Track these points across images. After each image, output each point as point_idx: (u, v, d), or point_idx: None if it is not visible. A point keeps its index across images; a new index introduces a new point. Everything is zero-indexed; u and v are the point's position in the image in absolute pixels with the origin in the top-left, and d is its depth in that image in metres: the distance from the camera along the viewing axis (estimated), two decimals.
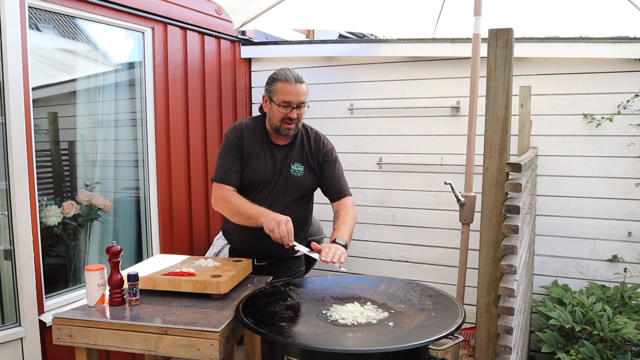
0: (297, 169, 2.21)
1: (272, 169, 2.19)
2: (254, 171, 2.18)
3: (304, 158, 2.24)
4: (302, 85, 2.13)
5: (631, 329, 2.54)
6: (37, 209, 2.44)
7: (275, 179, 2.19)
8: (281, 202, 2.18)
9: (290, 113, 2.11)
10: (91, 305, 1.86)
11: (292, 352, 1.51)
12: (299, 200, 2.24)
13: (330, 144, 2.32)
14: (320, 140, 2.29)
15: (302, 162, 2.23)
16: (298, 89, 2.11)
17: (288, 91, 2.09)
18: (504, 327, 1.43)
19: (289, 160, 2.21)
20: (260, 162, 2.19)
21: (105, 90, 3.05)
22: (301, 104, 2.13)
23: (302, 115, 2.18)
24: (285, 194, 2.20)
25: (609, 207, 3.15)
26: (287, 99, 2.10)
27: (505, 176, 1.42)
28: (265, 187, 2.19)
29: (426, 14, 3.56)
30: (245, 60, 4.00)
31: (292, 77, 2.11)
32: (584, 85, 3.15)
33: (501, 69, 1.39)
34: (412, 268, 3.67)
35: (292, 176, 2.20)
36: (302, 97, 2.13)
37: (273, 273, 2.26)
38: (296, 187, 2.21)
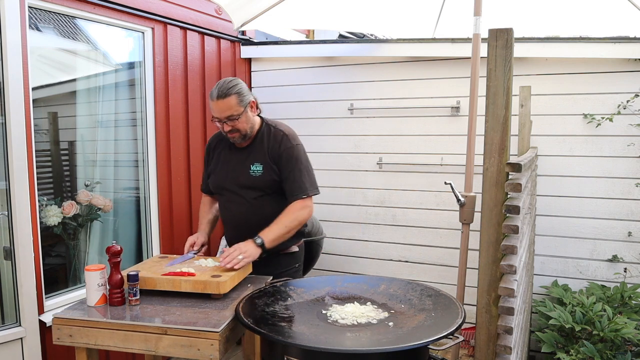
0: (256, 169, 2.25)
1: (231, 171, 2.30)
2: (215, 176, 2.36)
3: (264, 157, 2.25)
4: (225, 101, 2.12)
5: (631, 329, 2.54)
6: (37, 209, 2.44)
7: (235, 181, 2.28)
8: (246, 201, 2.27)
9: (223, 127, 2.17)
10: (91, 305, 1.86)
11: (292, 352, 1.51)
12: (266, 197, 2.26)
13: (290, 142, 2.25)
14: (279, 138, 2.26)
15: (262, 162, 2.25)
16: (220, 106, 2.13)
17: (213, 108, 2.16)
18: (504, 327, 1.43)
19: (249, 161, 2.26)
20: (221, 167, 2.33)
21: (105, 90, 3.05)
22: (230, 117, 2.14)
23: (241, 124, 2.18)
24: (248, 193, 2.26)
25: (609, 207, 3.15)
26: (214, 115, 2.17)
27: (505, 176, 1.42)
28: (228, 189, 2.31)
29: (426, 14, 3.56)
30: (245, 60, 4.00)
31: (215, 94, 2.13)
32: (584, 85, 3.15)
33: (501, 69, 1.39)
34: (412, 268, 3.67)
35: (252, 176, 2.25)
36: (225, 112, 2.13)
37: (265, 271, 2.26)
38: (257, 186, 2.25)
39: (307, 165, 2.29)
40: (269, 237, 2.11)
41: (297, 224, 2.19)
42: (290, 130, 2.33)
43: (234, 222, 2.33)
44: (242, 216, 2.27)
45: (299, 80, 3.91)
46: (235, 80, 2.18)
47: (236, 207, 2.29)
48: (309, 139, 3.90)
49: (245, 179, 2.25)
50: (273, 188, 2.26)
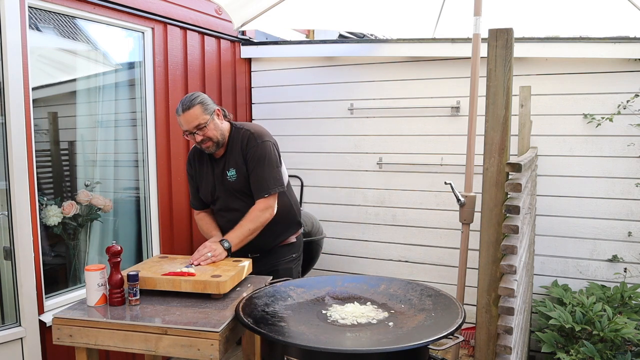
0: (231, 175, 2.32)
1: (214, 182, 2.37)
2: (203, 189, 2.42)
3: (235, 162, 2.32)
4: (189, 112, 2.18)
5: (631, 329, 2.54)
6: (37, 209, 2.44)
7: (220, 189, 2.36)
8: (235, 206, 2.34)
9: (195, 137, 2.23)
10: (91, 305, 1.86)
11: (292, 352, 1.51)
12: (248, 198, 2.32)
13: (255, 141, 2.29)
14: (246, 139, 2.30)
15: (235, 166, 2.31)
16: (187, 118, 2.19)
17: (181, 122, 2.23)
18: (504, 327, 1.43)
19: (225, 168, 2.33)
20: (205, 181, 2.41)
21: (105, 90, 3.05)
22: (199, 126, 2.19)
23: (211, 132, 2.22)
24: (233, 199, 2.35)
25: (609, 207, 3.15)
26: (183, 128, 2.24)
27: (505, 176, 1.42)
28: (217, 199, 2.39)
29: (426, 14, 3.56)
30: (245, 60, 4.00)
31: (180, 109, 2.20)
32: (584, 85, 3.15)
33: (501, 69, 1.39)
34: (412, 268, 3.67)
35: (230, 182, 2.32)
36: (193, 122, 2.19)
37: (265, 261, 2.40)
38: (237, 191, 2.33)
39: (273, 161, 2.30)
40: (234, 241, 2.20)
41: (260, 226, 2.26)
42: (258, 129, 2.36)
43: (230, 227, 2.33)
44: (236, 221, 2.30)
45: (299, 80, 3.91)
46: (196, 93, 2.27)
47: (228, 214, 2.36)
48: (308, 139, 3.92)
49: (226, 186, 2.34)
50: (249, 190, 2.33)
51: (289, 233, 2.48)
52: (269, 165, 2.28)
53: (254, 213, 2.25)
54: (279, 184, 2.31)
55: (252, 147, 2.28)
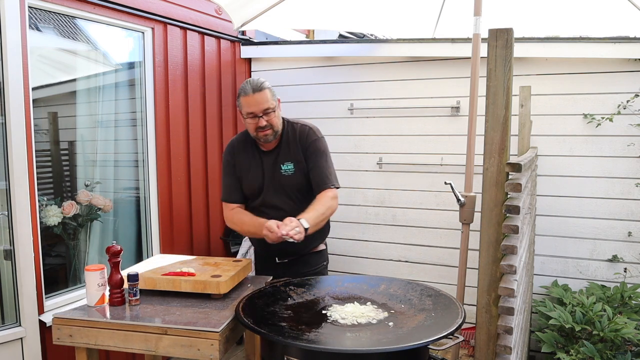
0: (287, 169, 2.22)
1: (263, 175, 2.25)
2: (249, 182, 2.27)
3: (293, 155, 2.24)
4: (261, 94, 2.12)
5: (631, 329, 2.54)
6: (37, 209, 2.44)
7: (269, 184, 2.24)
8: (282, 204, 2.22)
9: (259, 122, 2.14)
10: (91, 305, 1.86)
11: (292, 352, 1.50)
12: (300, 197, 2.24)
13: (315, 135, 2.26)
14: (305, 133, 2.25)
15: (291, 160, 2.23)
16: (257, 99, 2.12)
17: (249, 103, 2.13)
18: (504, 327, 1.42)
19: (278, 162, 2.24)
20: (252, 173, 2.26)
21: (105, 90, 3.05)
22: (266, 111, 2.14)
23: (275, 119, 2.17)
24: (283, 195, 2.23)
25: (609, 207, 3.15)
26: (249, 110, 2.14)
27: (505, 176, 1.42)
28: (263, 194, 2.25)
29: (426, 14, 3.56)
30: (245, 60, 4.00)
31: (250, 88, 2.13)
32: (584, 85, 3.15)
33: (501, 69, 1.39)
34: (412, 268, 3.67)
35: (284, 176, 2.22)
36: (263, 104, 2.13)
37: (295, 269, 2.25)
38: (291, 186, 2.23)
39: (330, 158, 2.29)
40: (310, 223, 2.01)
41: (330, 213, 2.16)
42: (313, 125, 2.32)
43: None
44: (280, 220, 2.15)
45: (299, 80, 3.91)
46: (261, 78, 2.19)
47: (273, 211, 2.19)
48: None
49: (278, 180, 2.22)
50: (304, 187, 2.23)
51: (322, 239, 2.35)
52: (330, 161, 2.27)
53: (324, 199, 2.14)
54: (338, 181, 2.26)
55: (313, 140, 2.23)
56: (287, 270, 2.24)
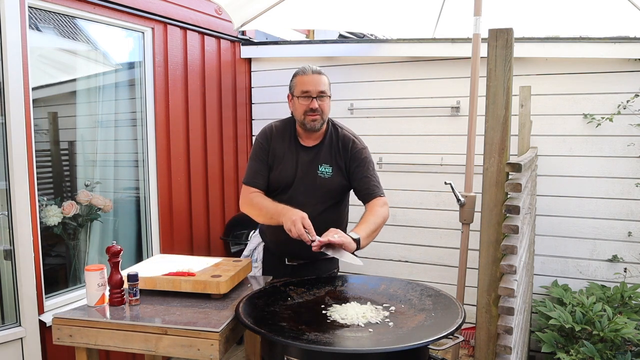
0: (325, 170, 2.16)
1: (298, 171, 2.16)
2: (279, 173, 2.17)
3: (333, 159, 2.17)
4: (320, 76, 2.12)
5: (631, 329, 2.54)
6: (37, 209, 2.44)
7: (301, 181, 2.16)
8: (310, 204, 2.12)
9: (311, 103, 2.08)
10: (91, 305, 1.86)
11: (292, 352, 1.50)
12: (329, 200, 2.18)
13: (361, 144, 2.22)
14: (350, 140, 2.20)
15: (331, 163, 2.16)
16: (316, 79, 2.10)
17: (305, 82, 2.11)
18: (504, 327, 1.42)
19: (316, 162, 2.16)
20: (286, 164, 2.17)
21: (105, 90, 3.05)
22: (321, 94, 2.10)
23: (326, 107, 2.12)
24: (313, 195, 2.15)
25: (609, 207, 3.15)
26: (305, 88, 2.10)
27: (505, 176, 1.42)
28: (291, 189, 2.16)
29: (426, 14, 3.56)
30: (245, 60, 4.00)
31: (310, 69, 2.13)
32: (584, 85, 3.15)
33: (501, 69, 1.39)
34: (412, 268, 3.67)
35: (320, 177, 2.15)
36: (321, 86, 2.10)
37: (303, 274, 2.16)
38: (324, 189, 2.16)
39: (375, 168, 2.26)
40: (362, 234, 1.97)
41: (383, 221, 2.11)
42: (356, 134, 2.29)
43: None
44: None
45: None
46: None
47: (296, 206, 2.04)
48: None
49: (312, 180, 2.14)
50: (338, 192, 2.19)
51: None
52: (374, 170, 2.23)
53: (375, 208, 2.11)
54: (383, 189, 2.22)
55: (359, 150, 2.19)
56: (295, 274, 2.17)
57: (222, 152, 3.74)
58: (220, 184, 3.73)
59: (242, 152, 3.96)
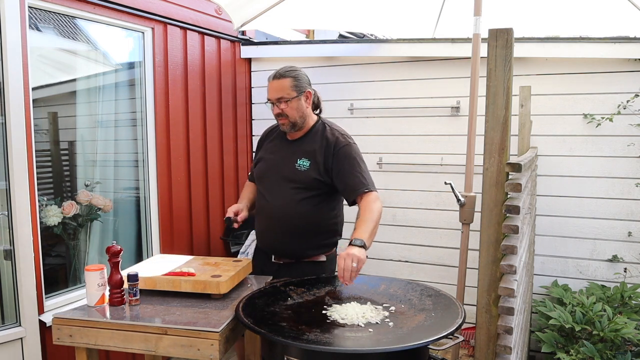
0: (303, 164, 2.20)
1: (276, 161, 2.28)
2: (261, 164, 2.34)
3: (312, 153, 2.20)
4: (280, 81, 2.13)
5: (631, 329, 2.54)
6: (37, 209, 2.44)
7: (277, 171, 2.25)
8: (284, 191, 2.21)
9: (273, 109, 2.18)
10: (91, 305, 1.86)
11: (292, 352, 1.51)
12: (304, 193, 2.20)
13: (347, 141, 2.22)
14: (334, 137, 2.22)
15: (309, 157, 2.20)
16: (274, 86, 2.14)
17: (268, 88, 2.17)
18: (504, 327, 1.43)
19: (296, 155, 2.22)
20: (267, 156, 2.33)
21: (105, 90, 3.05)
22: (280, 99, 2.13)
23: (290, 110, 2.14)
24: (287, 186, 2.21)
25: (609, 207, 3.15)
26: (268, 96, 2.17)
27: (505, 176, 1.42)
28: (268, 179, 2.29)
29: (426, 14, 3.56)
30: (245, 60, 3.99)
31: (273, 74, 2.16)
32: (584, 85, 3.15)
33: (501, 69, 1.39)
34: (412, 268, 3.67)
35: (297, 170, 2.20)
36: (277, 93, 2.13)
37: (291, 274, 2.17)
38: (299, 181, 2.20)
39: (365, 164, 2.25)
40: (364, 236, 1.96)
41: (379, 216, 2.10)
42: (345, 131, 2.30)
43: (268, 213, 2.25)
44: (278, 208, 2.21)
45: None
46: (296, 67, 2.20)
47: (273, 197, 2.23)
48: None
49: (288, 172, 2.21)
50: (313, 187, 2.20)
51: (320, 250, 2.28)
52: (363, 165, 2.22)
53: (369, 205, 2.10)
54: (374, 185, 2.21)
55: (343, 146, 2.19)
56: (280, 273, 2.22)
57: (222, 152, 3.73)
58: (220, 184, 3.73)
59: (242, 152, 3.96)
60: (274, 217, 2.23)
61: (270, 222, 2.26)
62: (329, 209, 2.30)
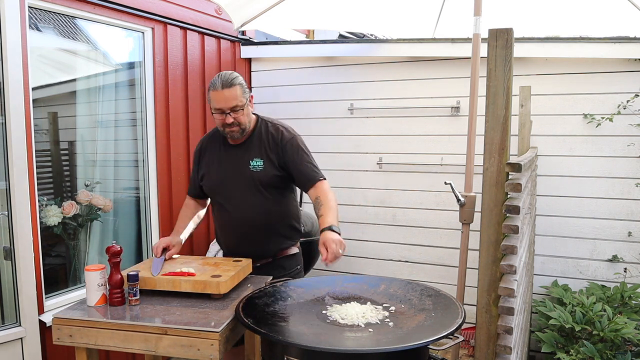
0: (257, 164, 2.20)
1: (226, 170, 2.24)
2: (209, 176, 2.28)
3: (263, 152, 2.21)
4: (230, 90, 2.08)
5: (631, 329, 2.54)
6: (37, 209, 2.44)
7: (233, 179, 2.22)
8: (247, 199, 2.21)
9: (225, 119, 2.11)
10: (91, 305, 1.86)
11: (292, 352, 1.50)
12: (267, 193, 2.21)
13: (291, 134, 2.25)
14: (278, 132, 2.24)
15: (261, 157, 2.21)
16: (226, 95, 2.08)
17: (217, 99, 2.09)
18: (504, 327, 1.43)
19: (247, 158, 2.21)
20: (215, 167, 2.27)
21: (105, 90, 3.05)
22: (235, 108, 2.10)
23: (243, 117, 2.14)
24: (249, 191, 2.21)
25: (609, 207, 3.15)
26: (217, 106, 2.10)
27: (505, 176, 1.42)
28: (223, 188, 2.25)
29: (426, 14, 3.56)
30: (245, 60, 4.00)
31: (219, 84, 2.08)
32: (584, 85, 3.15)
33: (501, 69, 1.39)
34: (412, 268, 3.67)
35: (252, 172, 2.20)
36: (231, 102, 2.09)
37: (269, 273, 2.24)
38: (259, 182, 2.20)
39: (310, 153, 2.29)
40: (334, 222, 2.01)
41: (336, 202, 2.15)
42: (287, 124, 2.31)
43: (236, 223, 2.24)
44: (246, 215, 2.20)
45: (299, 80, 3.91)
46: (235, 72, 2.16)
47: (237, 206, 2.21)
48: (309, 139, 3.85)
49: (245, 177, 2.20)
50: (275, 184, 2.22)
51: (292, 241, 2.34)
52: (310, 154, 2.26)
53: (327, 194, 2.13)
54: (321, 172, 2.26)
55: (289, 139, 2.22)
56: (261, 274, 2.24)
57: None
58: None
59: None
60: (245, 224, 2.22)
61: (242, 230, 2.23)
62: (291, 200, 2.35)
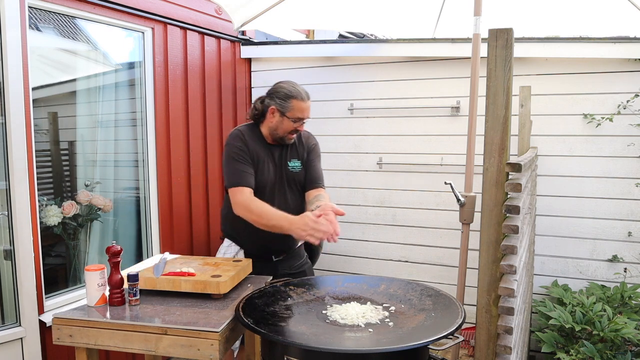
0: (295, 165, 2.36)
1: (274, 169, 2.33)
2: (261, 174, 2.29)
3: (299, 154, 2.39)
4: (310, 102, 2.30)
5: (631, 329, 2.54)
6: (37, 209, 2.44)
7: (277, 178, 2.33)
8: (283, 198, 2.33)
9: (300, 126, 2.29)
10: (91, 305, 1.86)
11: (292, 352, 1.51)
12: (297, 193, 2.38)
13: (314, 139, 2.48)
14: (308, 136, 2.45)
15: (298, 158, 2.38)
16: (309, 106, 2.28)
17: (303, 108, 2.24)
18: (504, 327, 1.43)
19: (285, 159, 2.35)
20: (265, 165, 2.31)
21: (105, 90, 3.05)
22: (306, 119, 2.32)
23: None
24: (286, 190, 2.35)
25: (609, 207, 3.15)
26: (302, 115, 2.25)
27: (505, 176, 1.42)
28: (270, 187, 2.32)
29: (426, 14, 3.56)
30: (245, 60, 4.00)
31: (305, 95, 2.27)
32: (584, 85, 3.15)
33: (501, 69, 1.39)
34: (412, 268, 3.67)
35: (291, 172, 2.35)
36: (310, 113, 2.31)
37: (289, 264, 2.41)
38: (295, 183, 2.36)
39: None
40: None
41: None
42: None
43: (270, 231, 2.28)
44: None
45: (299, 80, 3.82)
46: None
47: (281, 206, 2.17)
48: None
49: (285, 175, 2.34)
50: (302, 183, 2.39)
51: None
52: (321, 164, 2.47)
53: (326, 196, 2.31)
54: None
55: (315, 143, 2.45)
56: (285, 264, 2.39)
57: (222, 152, 3.73)
58: (220, 184, 3.73)
59: None
60: None
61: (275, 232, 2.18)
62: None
